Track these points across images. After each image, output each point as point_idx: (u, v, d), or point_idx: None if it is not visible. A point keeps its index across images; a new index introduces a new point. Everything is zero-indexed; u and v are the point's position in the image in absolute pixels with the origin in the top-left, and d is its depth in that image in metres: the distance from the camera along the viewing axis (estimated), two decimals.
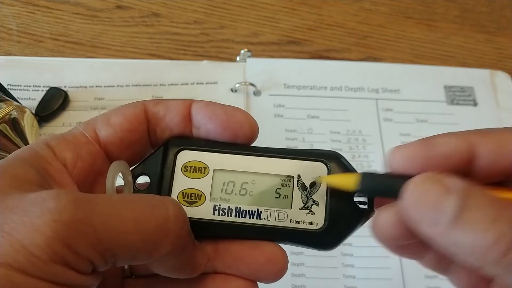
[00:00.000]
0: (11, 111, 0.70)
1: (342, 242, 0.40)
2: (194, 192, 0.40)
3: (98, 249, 0.30)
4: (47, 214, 0.28)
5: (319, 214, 0.39)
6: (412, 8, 1.04)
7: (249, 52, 0.90)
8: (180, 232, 0.34)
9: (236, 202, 0.40)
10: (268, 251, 0.39)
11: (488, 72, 0.94)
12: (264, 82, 0.88)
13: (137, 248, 0.31)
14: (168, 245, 0.33)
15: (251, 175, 0.40)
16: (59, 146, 0.37)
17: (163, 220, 0.33)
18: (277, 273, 0.39)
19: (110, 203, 0.32)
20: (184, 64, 0.92)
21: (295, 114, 0.86)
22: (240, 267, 0.39)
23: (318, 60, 0.95)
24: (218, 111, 0.40)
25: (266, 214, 0.39)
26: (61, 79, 0.86)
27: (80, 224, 0.29)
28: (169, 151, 0.40)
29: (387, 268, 0.75)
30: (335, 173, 0.40)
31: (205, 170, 0.40)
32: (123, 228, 0.31)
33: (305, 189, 0.40)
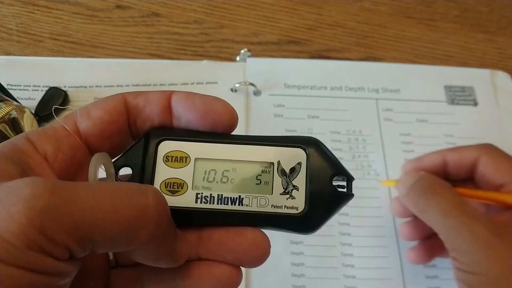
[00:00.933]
0: (11, 111, 0.70)
1: (323, 225, 0.41)
2: (176, 181, 0.40)
3: (75, 236, 0.29)
4: (22, 202, 0.28)
5: (299, 199, 0.40)
6: (412, 8, 1.04)
7: (249, 52, 0.90)
8: (160, 220, 0.34)
9: (218, 190, 0.40)
10: (251, 237, 0.39)
11: (489, 72, 0.94)
12: (264, 82, 0.88)
13: (116, 235, 0.31)
14: (148, 233, 0.33)
15: (232, 163, 0.41)
16: (39, 139, 0.37)
17: (143, 207, 0.32)
18: (260, 258, 0.39)
19: (88, 190, 0.31)
20: (184, 64, 0.92)
21: (295, 114, 0.86)
22: (223, 253, 0.39)
23: (318, 60, 0.95)
24: (197, 101, 0.40)
25: (248, 200, 0.40)
26: (61, 79, 0.86)
27: (56, 211, 0.29)
28: (150, 142, 0.41)
29: (387, 268, 0.75)
30: (314, 158, 0.41)
31: (186, 159, 0.41)
32: (102, 215, 0.30)
33: (285, 175, 0.41)
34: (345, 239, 0.77)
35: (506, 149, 0.68)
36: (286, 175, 0.41)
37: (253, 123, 0.84)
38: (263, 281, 0.72)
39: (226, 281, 0.39)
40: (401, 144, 0.85)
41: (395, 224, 0.78)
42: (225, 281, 0.39)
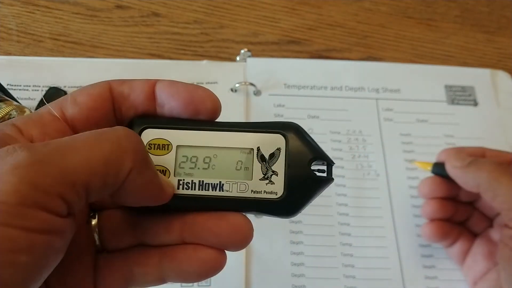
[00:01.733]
0: (11, 111, 0.70)
1: (302, 209, 0.41)
2: (159, 169, 0.41)
3: (66, 182, 0.30)
4: (7, 165, 0.29)
5: (279, 184, 0.41)
6: (412, 8, 1.04)
7: (249, 52, 0.90)
8: (136, 146, 0.35)
9: (200, 176, 0.41)
10: (233, 221, 0.40)
11: (489, 72, 0.94)
12: (264, 82, 0.88)
13: (103, 171, 0.32)
14: (130, 161, 0.34)
15: (213, 150, 0.42)
16: (25, 124, 0.38)
17: (116, 139, 0.34)
18: (243, 241, 0.40)
19: (63, 141, 0.33)
20: (184, 64, 0.91)
21: (295, 114, 0.86)
22: (207, 237, 0.40)
23: (318, 60, 0.95)
24: (180, 88, 0.41)
25: (228, 186, 0.41)
26: (61, 79, 0.86)
27: (41, 164, 0.30)
28: (133, 130, 0.41)
29: (387, 269, 0.75)
30: (293, 144, 0.42)
31: (168, 146, 0.42)
32: (82, 156, 0.32)
33: (265, 160, 0.41)
34: (345, 239, 0.77)
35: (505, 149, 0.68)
36: (265, 160, 0.42)
37: None
38: (263, 281, 0.72)
39: (211, 264, 0.40)
40: (401, 144, 0.85)
41: (395, 224, 0.78)
42: (210, 264, 0.40)
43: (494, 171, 0.64)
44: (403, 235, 0.77)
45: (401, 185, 0.82)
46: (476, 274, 0.70)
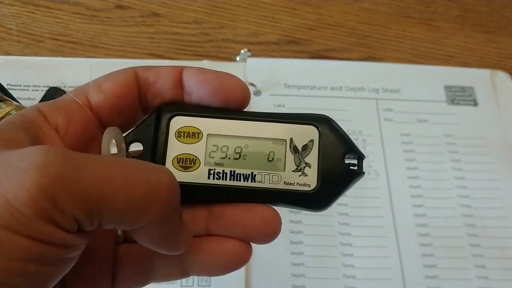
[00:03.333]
0: (11, 111, 0.70)
1: (334, 202, 0.41)
2: (189, 157, 0.41)
3: (84, 207, 0.29)
4: (33, 169, 0.27)
5: (312, 176, 0.41)
6: (412, 8, 1.04)
7: (249, 52, 0.90)
8: (170, 200, 0.33)
9: (231, 166, 0.41)
10: (262, 213, 0.40)
11: (489, 72, 0.94)
12: (264, 82, 0.88)
13: (124, 211, 0.31)
14: (156, 212, 0.32)
15: (245, 139, 0.41)
16: (50, 112, 0.37)
17: (154, 185, 0.32)
18: (271, 234, 0.40)
19: (101, 162, 0.31)
20: (184, 64, 0.90)
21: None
22: (235, 229, 0.40)
23: (318, 60, 0.95)
24: (210, 76, 0.40)
25: (260, 177, 0.40)
26: (61, 79, 0.86)
27: (67, 180, 0.28)
28: (162, 118, 0.41)
29: (387, 268, 0.75)
30: (326, 136, 0.41)
31: (198, 135, 0.41)
32: (112, 188, 0.30)
33: (298, 152, 0.41)
34: (345, 239, 0.77)
35: (506, 149, 0.68)
36: (298, 152, 0.41)
37: None
38: (263, 281, 0.72)
39: (236, 257, 0.40)
40: (401, 144, 0.85)
41: (395, 224, 0.78)
42: (235, 256, 0.40)
43: None
44: (403, 234, 0.77)
45: (401, 185, 0.82)
46: None
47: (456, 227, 0.79)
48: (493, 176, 0.84)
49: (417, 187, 0.81)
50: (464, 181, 0.83)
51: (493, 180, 0.84)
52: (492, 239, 0.79)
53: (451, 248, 0.78)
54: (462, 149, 0.85)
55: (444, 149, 0.85)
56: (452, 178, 0.79)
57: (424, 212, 0.80)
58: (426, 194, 0.81)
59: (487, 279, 0.76)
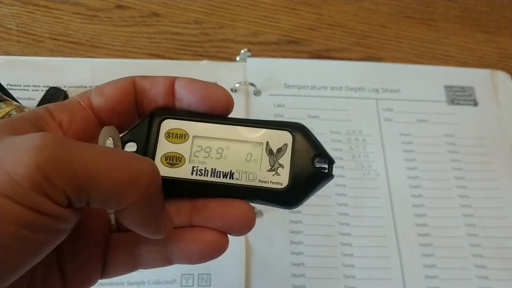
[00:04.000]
0: (11, 111, 0.70)
1: (303, 201, 0.45)
2: (175, 155, 0.45)
3: (73, 184, 0.33)
4: (31, 150, 0.32)
5: (284, 176, 0.45)
6: (412, 8, 1.04)
7: (249, 52, 0.90)
8: (150, 186, 0.37)
9: (212, 164, 0.45)
10: (240, 207, 0.44)
11: (489, 72, 0.94)
12: (264, 82, 0.88)
13: (108, 191, 0.35)
14: (136, 195, 0.36)
15: (226, 142, 0.45)
16: (56, 109, 0.41)
17: (136, 172, 0.36)
18: (247, 226, 0.44)
19: (91, 149, 0.35)
20: (184, 64, 0.92)
21: (295, 114, 0.86)
22: (214, 221, 0.44)
23: (318, 60, 0.95)
24: (199, 86, 0.45)
25: (238, 175, 0.44)
26: (61, 79, 0.86)
27: (60, 161, 0.33)
28: (154, 120, 0.45)
29: (387, 268, 0.75)
30: (299, 141, 0.45)
31: (185, 136, 0.45)
32: (98, 171, 0.34)
33: (272, 154, 0.45)
34: (345, 239, 0.77)
35: (506, 150, 0.68)
36: (273, 154, 0.45)
37: None
38: (263, 281, 0.73)
39: (215, 246, 0.44)
40: (401, 144, 0.85)
41: (395, 224, 0.78)
42: (214, 245, 0.44)
43: None
44: (403, 234, 0.77)
45: (401, 185, 0.82)
46: None
47: (456, 227, 0.79)
48: (493, 176, 0.84)
49: (417, 187, 0.81)
50: (464, 181, 0.83)
51: (493, 180, 0.84)
52: (492, 239, 0.79)
53: (451, 248, 0.78)
54: (462, 149, 0.85)
55: (444, 149, 0.85)
56: (452, 178, 0.79)
57: (424, 212, 0.80)
58: (426, 194, 0.81)
59: (487, 279, 0.76)
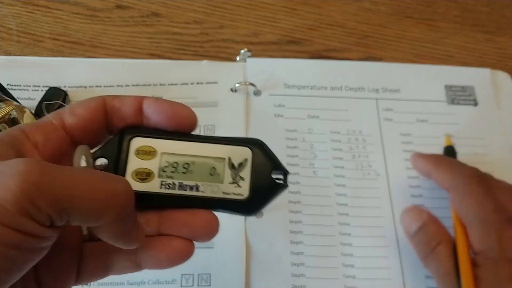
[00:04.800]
0: (11, 111, 0.70)
1: (262, 209, 0.49)
2: (145, 171, 0.48)
3: (56, 206, 0.35)
4: (17, 176, 0.34)
5: (245, 187, 0.49)
6: (412, 8, 1.04)
7: (249, 52, 0.90)
8: (125, 204, 0.40)
9: (179, 179, 0.48)
10: (205, 217, 0.48)
11: (489, 72, 0.94)
12: (264, 82, 0.88)
13: (88, 211, 0.37)
14: (114, 214, 0.39)
15: (191, 157, 0.49)
16: (31, 131, 0.44)
17: (113, 192, 0.39)
18: (211, 234, 0.48)
19: (71, 172, 0.38)
20: (184, 64, 0.92)
21: (295, 114, 0.87)
22: (181, 230, 0.47)
23: (318, 60, 0.95)
24: (165, 105, 0.48)
25: (203, 187, 0.48)
26: (61, 79, 0.86)
27: (43, 185, 0.35)
28: (124, 138, 0.48)
29: (387, 268, 0.75)
30: (258, 156, 0.49)
31: (154, 153, 0.48)
32: (79, 193, 0.36)
33: (234, 168, 0.49)
34: (345, 239, 0.77)
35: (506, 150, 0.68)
36: (235, 168, 0.49)
37: (253, 123, 0.85)
38: (263, 281, 0.73)
39: (182, 252, 0.47)
40: (401, 144, 0.85)
41: (395, 224, 0.78)
42: (181, 252, 0.47)
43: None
44: (403, 234, 0.77)
45: (401, 184, 0.82)
46: None
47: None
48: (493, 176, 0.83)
49: (417, 187, 0.81)
50: None
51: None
52: None
53: None
54: (462, 149, 0.84)
55: None
56: None
57: None
58: (426, 194, 0.81)
59: None
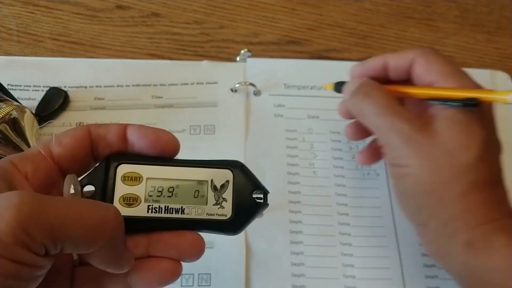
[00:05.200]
0: (11, 111, 0.71)
1: (245, 227, 0.52)
2: (132, 196, 0.50)
3: (50, 236, 0.37)
4: (12, 208, 0.35)
5: (228, 208, 0.51)
6: (412, 8, 1.04)
7: (249, 52, 0.90)
8: (115, 232, 0.42)
9: (165, 202, 0.50)
10: (191, 238, 0.50)
11: (488, 72, 0.94)
12: (264, 82, 0.88)
13: (80, 239, 0.39)
14: (104, 241, 0.40)
15: (176, 181, 0.51)
16: (20, 162, 0.46)
17: (103, 220, 0.40)
18: (198, 253, 0.50)
19: (62, 203, 0.39)
20: (184, 64, 0.92)
21: (295, 114, 0.87)
22: (169, 251, 0.50)
23: (318, 60, 0.95)
24: (148, 132, 0.50)
25: (188, 210, 0.50)
26: (61, 79, 0.87)
27: (37, 216, 0.36)
28: (110, 165, 0.50)
29: (387, 268, 0.75)
30: (239, 177, 0.52)
31: (139, 178, 0.50)
32: (71, 222, 0.38)
33: (217, 190, 0.51)
34: (345, 239, 0.77)
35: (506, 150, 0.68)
36: (217, 190, 0.51)
37: (253, 123, 0.85)
38: (263, 281, 0.73)
39: (171, 272, 0.50)
40: None
41: (395, 224, 0.78)
42: (170, 272, 0.50)
43: (377, 111, 0.67)
44: (403, 234, 0.77)
45: None
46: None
47: None
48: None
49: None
50: None
51: None
52: None
53: None
54: None
55: None
56: None
57: None
58: None
59: None
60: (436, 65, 0.67)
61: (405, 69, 0.71)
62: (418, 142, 0.63)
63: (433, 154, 0.62)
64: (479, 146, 0.62)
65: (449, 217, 0.61)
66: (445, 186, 0.61)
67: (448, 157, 0.61)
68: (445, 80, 0.66)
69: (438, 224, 0.62)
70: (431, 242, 0.65)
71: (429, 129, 0.63)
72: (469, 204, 0.60)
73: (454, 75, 0.66)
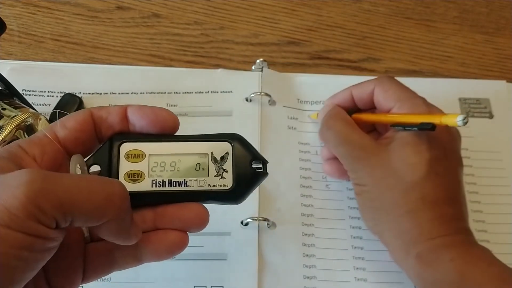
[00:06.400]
0: (27, 118, 0.71)
1: (246, 196, 0.54)
2: (136, 172, 0.52)
3: (60, 210, 0.39)
4: (23, 185, 0.38)
5: (229, 178, 0.53)
6: (411, 9, 1.05)
7: (265, 62, 0.91)
8: (121, 204, 0.44)
9: (168, 176, 0.52)
10: (195, 209, 0.52)
11: (505, 83, 0.94)
12: (278, 94, 0.89)
13: (89, 212, 0.41)
14: (113, 213, 0.43)
15: (177, 156, 0.53)
16: (28, 146, 0.48)
17: (110, 193, 0.43)
18: (202, 224, 0.52)
19: (71, 178, 0.42)
20: (199, 72, 0.92)
21: (308, 127, 0.88)
22: (175, 222, 0.52)
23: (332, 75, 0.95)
24: (147, 111, 0.52)
25: (191, 182, 0.52)
26: (76, 85, 0.87)
27: (47, 192, 0.38)
28: (113, 144, 0.52)
29: (398, 272, 0.75)
30: (238, 149, 0.54)
31: (142, 155, 0.52)
32: (79, 197, 0.40)
33: (217, 162, 0.53)
34: (358, 253, 0.78)
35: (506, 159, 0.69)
36: (218, 162, 0.53)
37: (267, 133, 0.85)
38: (274, 282, 0.74)
39: (178, 243, 0.52)
40: None
41: None
42: (177, 242, 0.52)
43: (337, 141, 0.75)
44: None
45: None
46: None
47: None
48: (508, 191, 0.83)
49: None
50: (478, 196, 0.84)
51: (508, 195, 0.83)
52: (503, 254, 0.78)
53: None
54: (477, 163, 0.85)
55: None
56: (466, 192, 0.76)
57: None
58: None
59: None
60: (391, 92, 0.73)
61: (369, 99, 0.77)
62: (372, 165, 0.70)
63: (384, 174, 0.69)
64: (425, 166, 0.67)
65: (401, 231, 0.68)
66: (395, 203, 0.68)
67: (397, 176, 0.68)
68: (400, 106, 0.72)
69: (393, 236, 0.69)
70: (391, 252, 0.71)
71: (385, 150, 0.70)
72: (418, 220, 0.67)
73: (409, 100, 0.72)
